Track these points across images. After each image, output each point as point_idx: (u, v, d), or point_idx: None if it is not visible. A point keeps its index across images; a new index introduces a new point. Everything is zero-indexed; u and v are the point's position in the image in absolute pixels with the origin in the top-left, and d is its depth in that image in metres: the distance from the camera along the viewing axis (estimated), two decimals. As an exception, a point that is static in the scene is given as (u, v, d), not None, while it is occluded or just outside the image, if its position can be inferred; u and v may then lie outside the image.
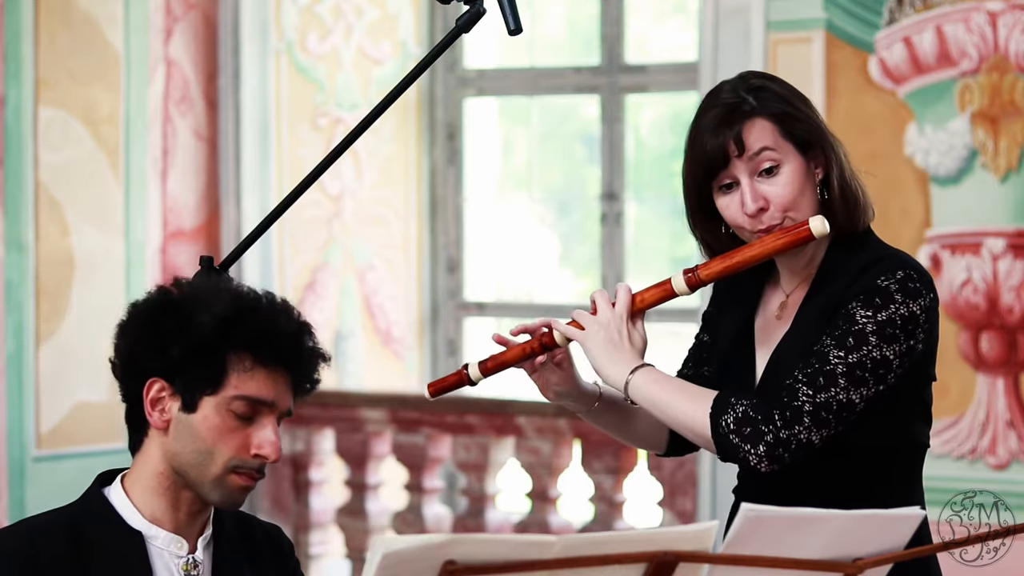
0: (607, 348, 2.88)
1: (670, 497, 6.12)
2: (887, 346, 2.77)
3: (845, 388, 2.75)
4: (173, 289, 2.60)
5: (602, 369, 2.88)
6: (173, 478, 2.57)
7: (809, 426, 2.75)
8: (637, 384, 2.85)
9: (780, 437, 2.75)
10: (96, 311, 6.29)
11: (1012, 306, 5.57)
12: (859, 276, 2.82)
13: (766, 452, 2.75)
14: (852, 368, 2.76)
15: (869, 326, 2.77)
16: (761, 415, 2.76)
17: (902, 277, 2.80)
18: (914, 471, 2.93)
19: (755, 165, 2.84)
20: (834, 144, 2.89)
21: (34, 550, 2.51)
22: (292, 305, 2.62)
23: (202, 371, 2.53)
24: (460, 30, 2.93)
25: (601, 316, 2.90)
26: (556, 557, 2.00)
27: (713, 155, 2.85)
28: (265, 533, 2.73)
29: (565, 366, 3.00)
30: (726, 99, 2.87)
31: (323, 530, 6.75)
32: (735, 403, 2.79)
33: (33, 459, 6.15)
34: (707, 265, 2.90)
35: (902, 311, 2.78)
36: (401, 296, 7.20)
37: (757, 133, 2.84)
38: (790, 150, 2.85)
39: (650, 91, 6.87)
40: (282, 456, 2.61)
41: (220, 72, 6.74)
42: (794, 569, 2.16)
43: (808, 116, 2.89)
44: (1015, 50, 5.56)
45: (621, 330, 2.89)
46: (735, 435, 2.77)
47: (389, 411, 6.62)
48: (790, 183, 2.84)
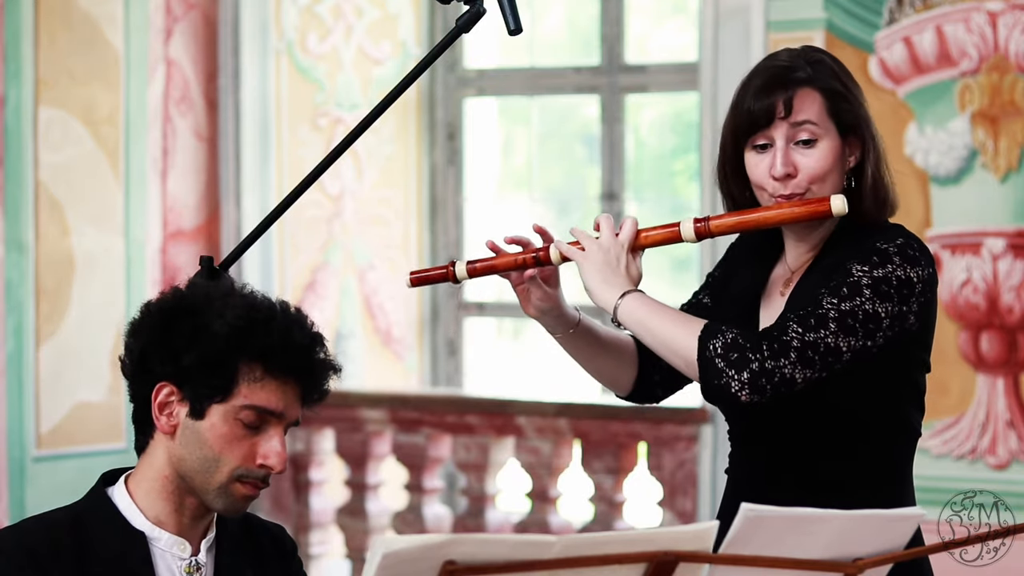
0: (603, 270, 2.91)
1: (670, 497, 6.12)
2: (879, 302, 2.80)
3: (834, 333, 2.78)
4: (187, 292, 2.59)
5: (594, 290, 2.90)
6: (177, 482, 2.57)
7: (795, 361, 2.77)
8: (628, 307, 2.87)
9: (765, 367, 2.77)
10: (96, 311, 6.29)
11: (1012, 306, 5.57)
12: (859, 242, 2.86)
13: (749, 379, 2.77)
14: (843, 315, 2.78)
15: (864, 279, 2.80)
16: (750, 343, 2.79)
17: (902, 243, 2.85)
18: (905, 458, 2.95)
19: (794, 133, 2.87)
20: (875, 134, 2.92)
21: (37, 549, 2.51)
22: (306, 315, 2.60)
23: (213, 379, 2.52)
24: (460, 30, 2.93)
25: (603, 240, 2.93)
26: (556, 557, 2.00)
27: (759, 113, 2.88)
28: (268, 533, 2.73)
29: (552, 284, 3.04)
30: (783, 62, 2.91)
31: (323, 530, 6.75)
32: (725, 331, 2.81)
33: (33, 459, 6.15)
34: (720, 217, 2.92)
35: (898, 272, 2.82)
36: (401, 296, 7.20)
37: (805, 102, 2.87)
38: (831, 128, 2.88)
39: (650, 91, 6.87)
40: (284, 463, 2.60)
41: (220, 72, 6.74)
42: (794, 569, 2.16)
43: (858, 101, 2.92)
44: (1015, 50, 5.56)
45: (620, 257, 2.91)
46: (721, 359, 2.79)
47: (389, 411, 6.62)
48: (823, 158, 2.87)
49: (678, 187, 7.28)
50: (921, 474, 5.90)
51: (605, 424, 6.21)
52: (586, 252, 2.93)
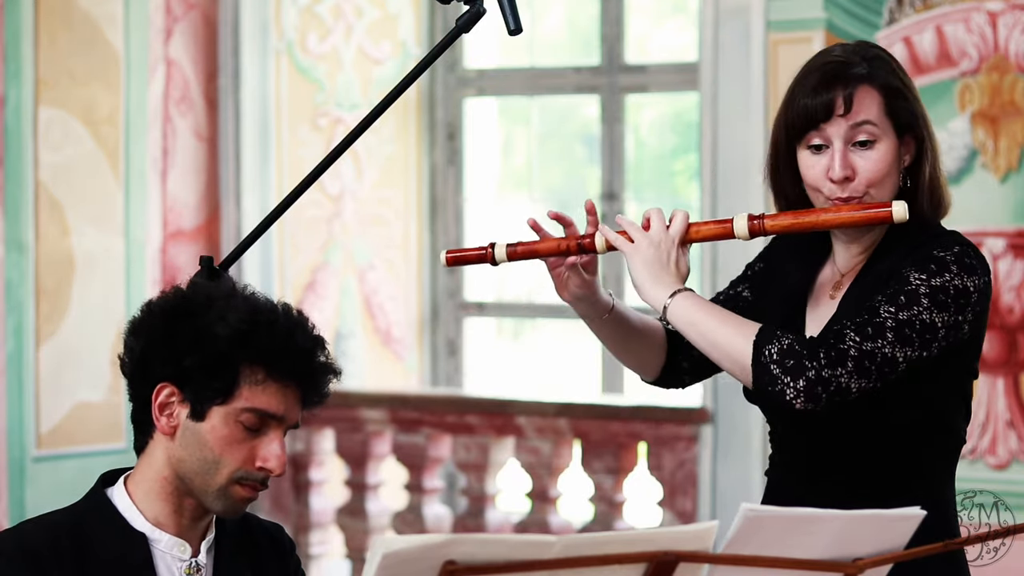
0: (653, 266, 2.83)
1: (670, 497, 6.12)
2: (936, 311, 2.74)
3: (892, 343, 2.72)
4: (190, 292, 2.58)
5: (643, 286, 2.84)
6: (176, 484, 2.56)
7: (851, 371, 2.71)
8: (679, 306, 2.81)
9: (822, 376, 2.71)
10: (96, 311, 6.29)
11: (1012, 306, 5.57)
12: (915, 249, 2.80)
13: (805, 387, 2.71)
14: (901, 325, 2.72)
15: (922, 288, 2.74)
16: (807, 351, 2.73)
17: (959, 251, 2.79)
18: (948, 465, 2.89)
19: (853, 134, 2.80)
20: (931, 133, 2.86)
21: (38, 551, 2.50)
22: (307, 317, 2.59)
23: (214, 382, 2.51)
24: (460, 30, 2.93)
25: (654, 234, 2.85)
26: (556, 557, 2.00)
27: (816, 108, 2.80)
28: (266, 533, 2.73)
29: (590, 271, 2.96)
30: (839, 56, 2.84)
31: (323, 530, 6.75)
32: (781, 336, 2.75)
33: (33, 459, 6.15)
34: (775, 216, 2.85)
35: (956, 282, 2.76)
36: (401, 296, 7.20)
37: (864, 101, 2.80)
38: (889, 128, 2.82)
39: (650, 91, 6.87)
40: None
41: (220, 72, 6.74)
42: (794, 569, 2.16)
43: (915, 98, 2.86)
44: (1015, 50, 5.56)
45: (671, 252, 2.84)
46: (777, 366, 2.73)
47: (389, 411, 6.62)
48: (882, 160, 2.81)
49: (678, 187, 7.28)
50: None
51: (605, 424, 6.21)
52: (635, 245, 2.85)
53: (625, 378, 6.76)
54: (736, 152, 5.89)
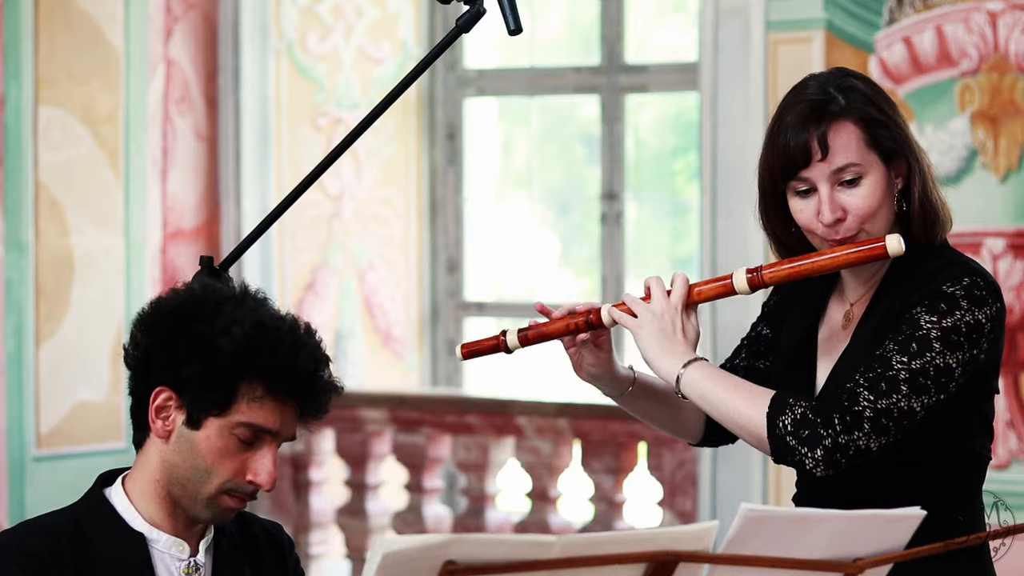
0: (660, 339, 2.80)
1: (670, 497, 6.12)
2: (951, 354, 2.70)
3: (907, 395, 2.68)
4: (199, 296, 2.55)
5: (653, 360, 2.80)
6: (168, 488, 2.56)
7: (868, 432, 2.68)
8: (690, 379, 2.77)
9: (839, 442, 2.68)
10: (96, 311, 6.29)
11: (1012, 306, 5.57)
12: (924, 283, 2.75)
13: (823, 456, 2.68)
14: (915, 375, 2.69)
15: (934, 332, 2.70)
16: (820, 418, 2.69)
17: (968, 284, 2.74)
18: (974, 484, 2.86)
19: (837, 176, 2.76)
20: (918, 154, 2.81)
21: (39, 553, 2.50)
22: (314, 333, 2.56)
23: (212, 394, 2.50)
24: (460, 30, 2.93)
25: (655, 305, 2.82)
26: (556, 557, 2.00)
27: (794, 153, 2.77)
28: (265, 532, 2.73)
29: (604, 348, 2.92)
30: (813, 95, 2.79)
31: (323, 530, 6.74)
32: (793, 404, 2.71)
33: (33, 459, 6.15)
34: (772, 267, 2.81)
35: (967, 318, 2.71)
36: (401, 296, 7.20)
37: (843, 141, 2.75)
38: (874, 160, 2.77)
39: (650, 91, 6.87)
40: (282, 456, 2.59)
41: (220, 72, 6.74)
42: (794, 569, 2.16)
43: (896, 123, 2.80)
44: (1015, 50, 5.56)
45: (675, 321, 2.81)
46: (792, 437, 2.69)
47: (389, 411, 6.62)
48: (871, 195, 2.76)
49: (678, 187, 7.28)
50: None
51: (605, 424, 6.21)
52: (639, 320, 2.81)
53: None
54: (736, 152, 5.89)
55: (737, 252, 5.85)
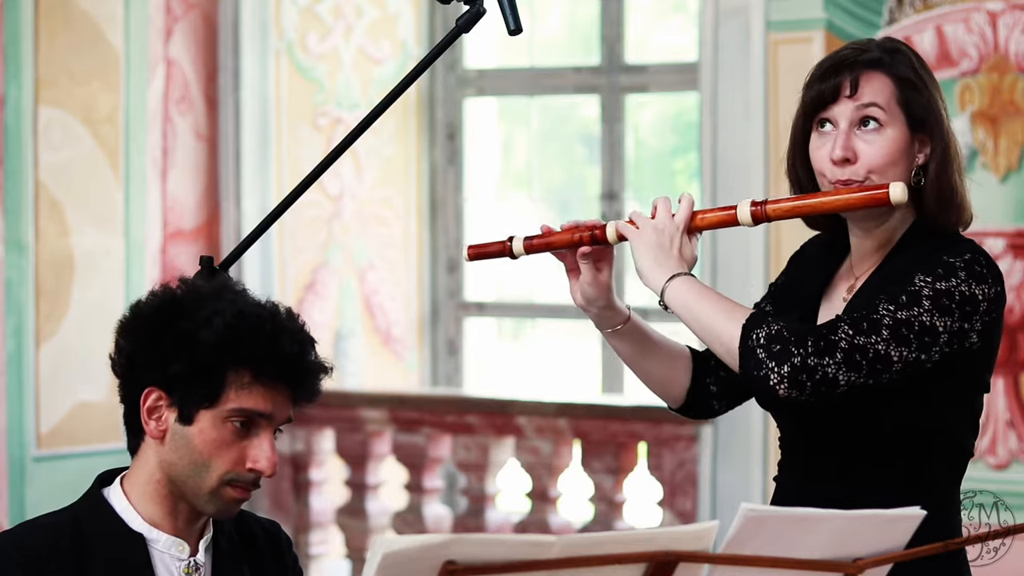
0: (655, 251, 2.83)
1: (670, 497, 6.12)
2: (938, 315, 2.71)
3: (886, 340, 2.69)
4: (177, 294, 2.56)
5: (644, 270, 2.83)
6: (169, 487, 2.56)
7: (840, 362, 2.69)
8: (676, 290, 2.79)
9: (808, 363, 2.69)
10: (96, 311, 6.29)
11: (1012, 306, 5.57)
12: (927, 255, 2.78)
13: (789, 373, 2.69)
14: (898, 324, 2.70)
15: (925, 290, 2.72)
16: (795, 337, 2.71)
17: (970, 258, 2.76)
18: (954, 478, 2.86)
19: (858, 115, 2.80)
20: (947, 134, 2.84)
21: (37, 553, 2.50)
22: (296, 316, 2.57)
23: (200, 387, 2.51)
24: (460, 30, 2.93)
25: (658, 220, 2.84)
26: (556, 557, 2.00)
27: (826, 90, 2.81)
28: (263, 530, 2.73)
29: (603, 270, 2.94)
30: (859, 45, 2.85)
31: (323, 530, 6.74)
32: (771, 321, 2.74)
33: (33, 459, 6.15)
34: (777, 201, 2.82)
35: (963, 288, 2.73)
36: (401, 296, 7.20)
37: (874, 85, 2.80)
38: (899, 118, 2.81)
39: (650, 91, 6.87)
40: (282, 456, 2.60)
41: (220, 72, 6.74)
42: (794, 569, 2.16)
43: (932, 96, 2.84)
44: (1015, 50, 5.56)
45: (674, 238, 2.83)
46: (763, 350, 2.70)
47: (389, 411, 6.62)
48: (885, 147, 2.79)
49: (678, 187, 7.28)
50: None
51: (605, 424, 6.21)
52: (639, 231, 2.84)
53: (625, 378, 6.76)
54: (736, 152, 5.89)
55: (737, 252, 5.85)
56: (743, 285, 5.80)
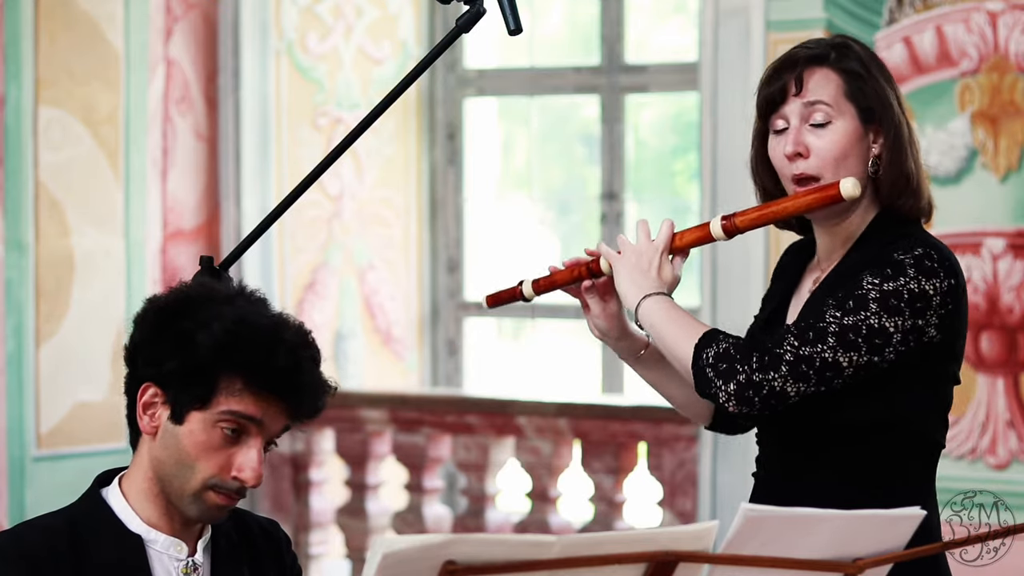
0: (633, 272, 2.90)
1: (670, 497, 6.12)
2: (887, 317, 2.75)
3: (832, 348, 2.74)
4: (188, 293, 2.56)
5: (623, 292, 2.91)
6: (160, 485, 2.56)
7: (785, 375, 2.74)
8: (647, 309, 2.87)
9: (752, 380, 2.75)
10: (96, 311, 6.29)
11: (1012, 306, 5.57)
12: (878, 251, 2.81)
13: (735, 391, 2.76)
14: (845, 330, 2.74)
15: (872, 292, 2.76)
16: (740, 355, 2.77)
17: (920, 254, 2.78)
18: (928, 473, 2.89)
19: (808, 113, 2.85)
20: (899, 124, 2.86)
21: (35, 554, 2.50)
22: (305, 332, 2.56)
23: (193, 388, 2.51)
24: (460, 30, 2.93)
25: (639, 244, 2.94)
26: (556, 557, 2.00)
27: (774, 91, 2.88)
28: (262, 529, 2.73)
29: (609, 302, 3.01)
30: (806, 44, 2.91)
31: (323, 530, 6.75)
32: (721, 339, 2.80)
33: (33, 459, 6.15)
34: (744, 212, 2.90)
35: (911, 286, 2.76)
36: (401, 296, 7.20)
37: (819, 82, 2.85)
38: (849, 111, 2.84)
39: (650, 91, 6.87)
40: (282, 456, 2.60)
41: (220, 72, 6.74)
42: (794, 569, 2.16)
43: (880, 86, 2.86)
44: (1015, 50, 5.56)
45: (653, 260, 2.91)
46: (711, 369, 2.78)
47: (389, 411, 6.62)
48: (836, 140, 2.83)
49: (678, 187, 7.28)
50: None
51: (605, 424, 6.21)
52: (621, 255, 2.94)
53: (625, 378, 6.76)
54: (736, 152, 5.88)
55: (737, 251, 5.85)
56: (742, 285, 5.81)
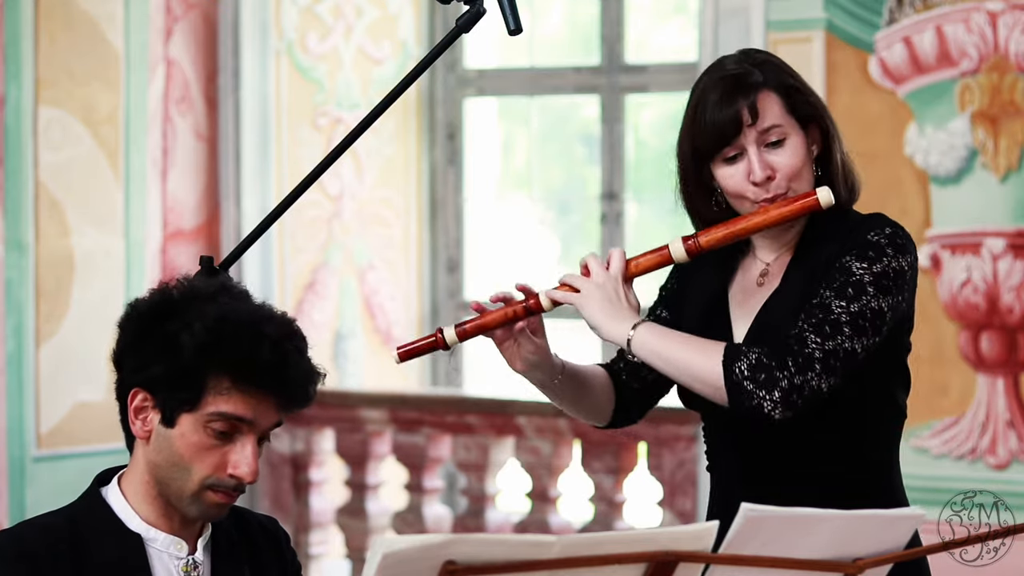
0: (605, 306, 2.89)
1: (670, 497, 6.12)
2: (883, 297, 2.82)
3: (849, 337, 2.79)
4: (170, 295, 2.55)
5: (602, 326, 2.88)
6: (158, 487, 2.55)
7: (820, 373, 2.77)
8: (641, 339, 2.86)
9: (795, 383, 2.77)
10: (96, 311, 6.29)
11: (1012, 306, 5.57)
12: (850, 235, 2.87)
13: (781, 398, 2.77)
14: (855, 317, 2.80)
15: (866, 277, 2.82)
16: (775, 362, 2.78)
17: (891, 233, 2.87)
18: (893, 441, 2.96)
19: (764, 137, 2.88)
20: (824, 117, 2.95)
21: (35, 553, 2.50)
22: (288, 323, 2.54)
23: (181, 391, 2.50)
24: (460, 30, 2.93)
25: (596, 277, 2.91)
26: (556, 557, 2.00)
27: (725, 124, 2.88)
28: (261, 527, 2.72)
29: (539, 335, 2.99)
30: (733, 70, 2.92)
31: (323, 530, 6.75)
32: (747, 351, 2.81)
33: (33, 459, 6.15)
34: (708, 232, 2.91)
35: (893, 264, 2.84)
36: (401, 296, 7.20)
37: (766, 105, 2.89)
38: (793, 124, 2.90)
39: (650, 91, 6.87)
40: (282, 456, 2.59)
41: (220, 72, 6.74)
42: (794, 569, 2.16)
43: (809, 91, 2.95)
44: (1015, 50, 5.56)
45: (618, 290, 2.90)
46: (750, 382, 2.78)
47: (389, 411, 6.62)
48: (795, 154, 2.88)
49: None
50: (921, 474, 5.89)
51: (605, 424, 6.20)
52: (582, 292, 2.91)
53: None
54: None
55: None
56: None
